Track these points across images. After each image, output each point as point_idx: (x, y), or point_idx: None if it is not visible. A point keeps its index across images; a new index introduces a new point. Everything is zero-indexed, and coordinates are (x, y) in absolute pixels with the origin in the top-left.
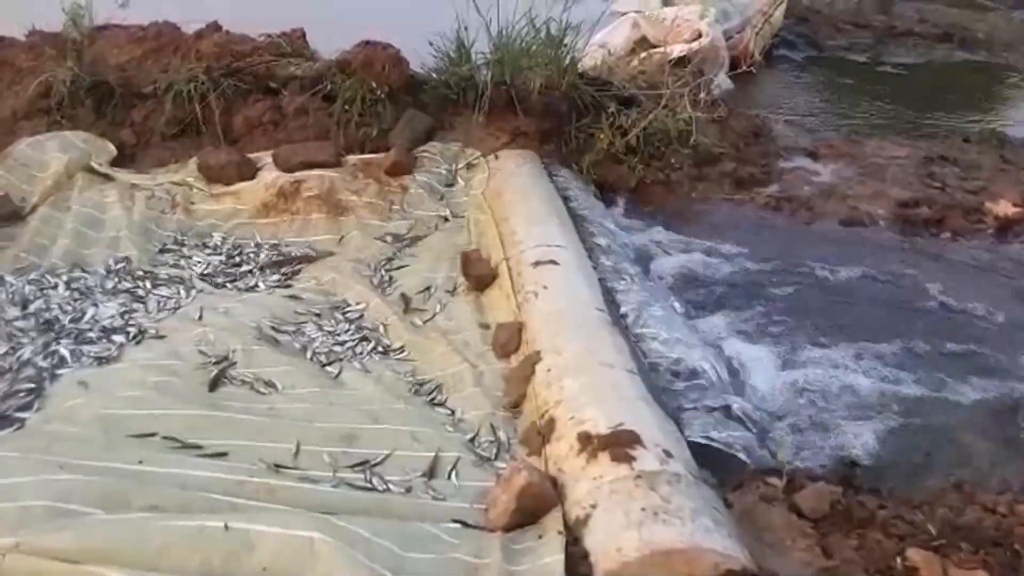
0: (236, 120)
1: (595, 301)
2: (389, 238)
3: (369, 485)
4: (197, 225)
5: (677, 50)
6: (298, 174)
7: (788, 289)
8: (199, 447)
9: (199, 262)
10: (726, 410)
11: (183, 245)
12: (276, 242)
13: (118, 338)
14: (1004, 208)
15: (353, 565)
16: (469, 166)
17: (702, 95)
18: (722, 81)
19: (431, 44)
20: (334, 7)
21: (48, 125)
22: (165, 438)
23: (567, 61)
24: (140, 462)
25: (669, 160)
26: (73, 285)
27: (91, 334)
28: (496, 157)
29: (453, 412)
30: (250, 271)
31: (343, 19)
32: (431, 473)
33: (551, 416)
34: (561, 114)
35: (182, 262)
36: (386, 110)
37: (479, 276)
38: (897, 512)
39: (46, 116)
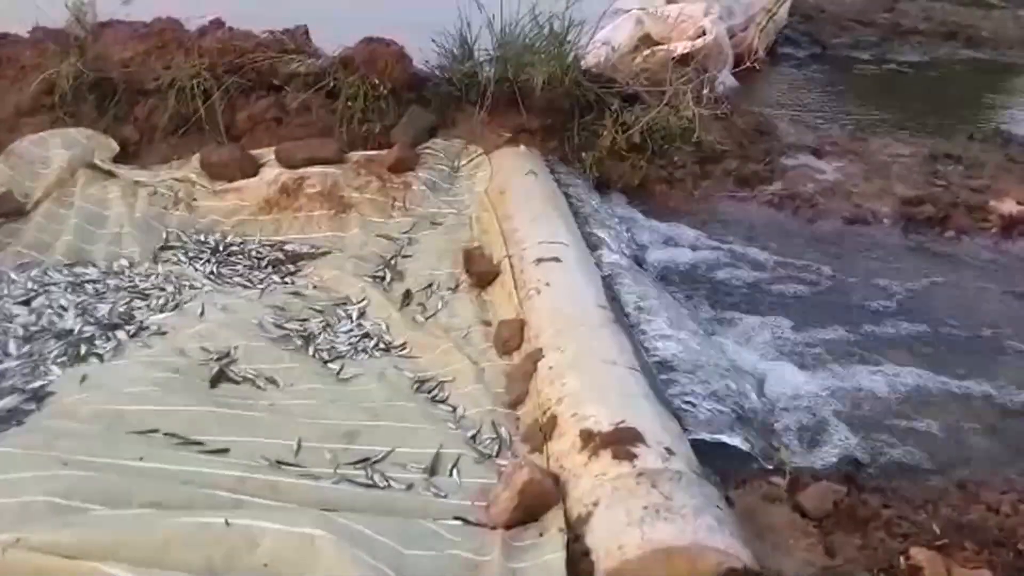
0: (239, 117)
1: (597, 298)
2: (391, 235)
3: (370, 482)
4: (199, 222)
5: (681, 47)
6: (301, 171)
7: (790, 286)
8: (200, 443)
9: (201, 259)
10: (728, 407)
11: (185, 242)
12: (278, 239)
13: (120, 335)
14: (1009, 206)
15: (354, 562)
16: (472, 163)
17: (706, 92)
18: (726, 78)
19: (434, 41)
20: (337, 4)
21: (51, 122)
22: (167, 434)
23: (570, 58)
24: (141, 458)
25: (672, 158)
26: (75, 281)
27: (93, 330)
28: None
29: (455, 409)
30: (252, 268)
31: (346, 16)
32: (432, 470)
33: (553, 413)
34: (564, 111)
35: (184, 259)
36: (389, 107)
37: (481, 273)
38: (900, 511)
39: (49, 113)
